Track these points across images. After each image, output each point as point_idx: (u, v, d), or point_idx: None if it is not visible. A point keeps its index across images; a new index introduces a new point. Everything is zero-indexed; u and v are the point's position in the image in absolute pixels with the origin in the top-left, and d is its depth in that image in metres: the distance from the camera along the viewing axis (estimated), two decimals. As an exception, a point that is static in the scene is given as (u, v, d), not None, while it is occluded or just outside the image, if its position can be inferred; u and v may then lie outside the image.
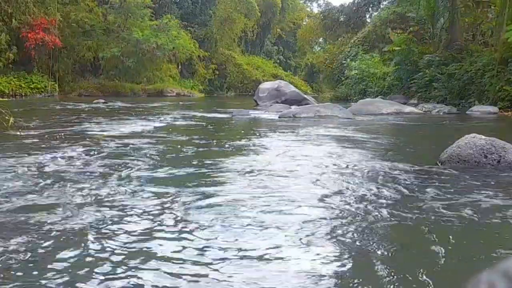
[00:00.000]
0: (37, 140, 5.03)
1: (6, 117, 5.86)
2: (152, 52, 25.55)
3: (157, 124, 7.64)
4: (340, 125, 7.59)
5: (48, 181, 2.91)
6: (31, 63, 22.34)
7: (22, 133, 5.49)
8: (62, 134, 5.79)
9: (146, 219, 2.17)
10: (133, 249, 1.78)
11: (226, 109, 12.41)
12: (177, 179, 3.11)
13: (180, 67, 31.23)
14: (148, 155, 4.10)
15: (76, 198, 2.50)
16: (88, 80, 25.13)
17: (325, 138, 5.76)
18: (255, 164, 3.70)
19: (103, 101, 15.81)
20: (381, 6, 28.68)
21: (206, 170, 3.42)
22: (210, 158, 3.98)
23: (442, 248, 1.81)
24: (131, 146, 4.73)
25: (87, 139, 5.26)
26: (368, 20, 29.31)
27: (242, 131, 6.94)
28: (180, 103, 18.10)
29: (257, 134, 6.27)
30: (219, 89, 35.81)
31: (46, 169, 3.34)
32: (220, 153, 4.47)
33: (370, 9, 29.55)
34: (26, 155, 3.93)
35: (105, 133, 5.93)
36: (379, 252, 1.77)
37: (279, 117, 9.10)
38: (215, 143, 5.33)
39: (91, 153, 4.16)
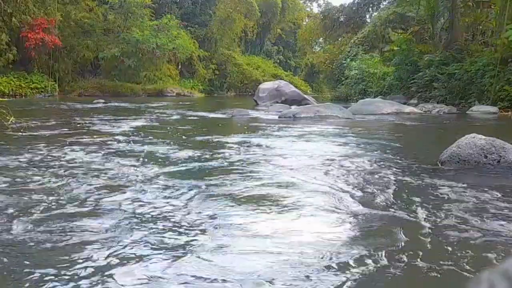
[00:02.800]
0: (39, 140, 5.03)
1: (7, 117, 5.88)
2: (152, 52, 25.56)
3: (158, 124, 7.65)
4: (340, 125, 7.60)
5: (51, 182, 2.92)
6: (31, 63, 22.35)
7: (23, 133, 5.50)
8: (64, 134, 5.80)
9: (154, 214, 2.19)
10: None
11: (226, 109, 12.41)
12: (179, 176, 3.12)
13: (180, 67, 31.25)
14: (150, 153, 4.11)
15: (80, 196, 2.51)
16: (88, 80, 25.14)
17: (325, 138, 5.77)
18: (254, 163, 3.71)
19: (103, 101, 15.81)
20: (381, 6, 28.70)
21: (206, 168, 3.43)
22: (209, 157, 3.98)
23: (442, 248, 1.82)
24: (132, 145, 4.74)
25: (88, 138, 5.27)
26: (368, 20, 29.34)
27: (242, 131, 6.94)
28: (180, 103, 18.09)
29: (257, 134, 6.28)
30: (219, 89, 35.80)
31: (48, 168, 3.35)
32: (219, 152, 4.48)
33: (370, 9, 29.58)
34: (28, 155, 3.93)
35: (105, 132, 5.94)
36: (375, 251, 1.78)
37: (279, 117, 9.11)
38: (214, 143, 5.33)
39: (92, 152, 4.16)
